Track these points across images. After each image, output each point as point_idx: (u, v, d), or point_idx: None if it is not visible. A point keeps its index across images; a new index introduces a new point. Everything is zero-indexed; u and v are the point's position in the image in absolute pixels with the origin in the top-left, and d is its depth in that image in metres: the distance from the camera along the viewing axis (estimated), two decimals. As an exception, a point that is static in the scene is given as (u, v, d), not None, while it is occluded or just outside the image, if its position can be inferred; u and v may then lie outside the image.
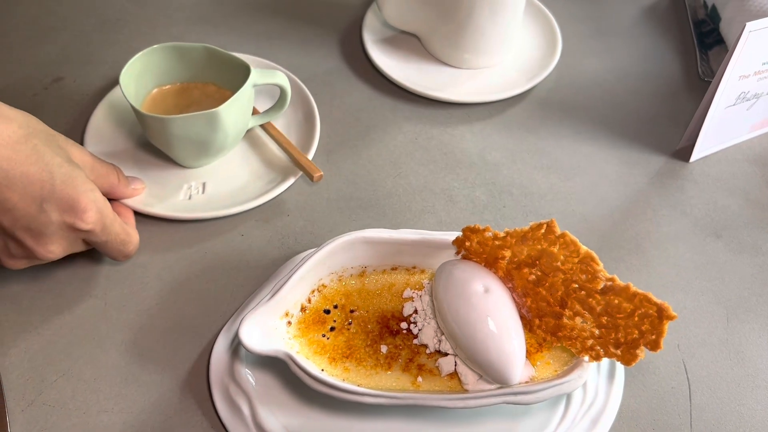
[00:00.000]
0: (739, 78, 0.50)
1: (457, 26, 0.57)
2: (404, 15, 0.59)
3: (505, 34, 0.59)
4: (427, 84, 0.58)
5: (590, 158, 0.55)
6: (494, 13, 0.55)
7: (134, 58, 0.48)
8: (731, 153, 0.56)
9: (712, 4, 0.64)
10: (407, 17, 0.60)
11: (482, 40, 0.58)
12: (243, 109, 0.48)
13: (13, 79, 0.58)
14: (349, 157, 0.54)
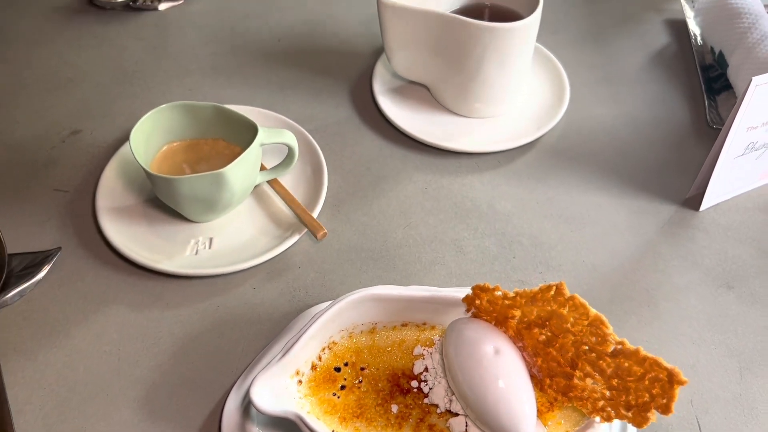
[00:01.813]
0: (747, 129, 0.50)
1: (466, 77, 0.58)
2: (413, 66, 0.60)
3: (514, 83, 0.60)
4: (436, 134, 0.59)
5: (600, 207, 0.55)
6: (502, 64, 0.56)
7: (145, 117, 0.49)
8: (741, 201, 0.56)
9: (719, 51, 0.65)
10: (416, 69, 0.61)
11: (491, 90, 0.59)
12: (250, 169, 0.49)
13: (34, 132, 0.60)
14: (360, 207, 0.55)
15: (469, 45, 0.55)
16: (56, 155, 0.58)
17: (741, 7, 0.64)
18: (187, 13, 0.72)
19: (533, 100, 0.62)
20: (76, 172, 0.57)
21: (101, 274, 0.50)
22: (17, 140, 0.59)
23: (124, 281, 0.49)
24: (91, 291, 0.49)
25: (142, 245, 0.50)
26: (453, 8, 0.60)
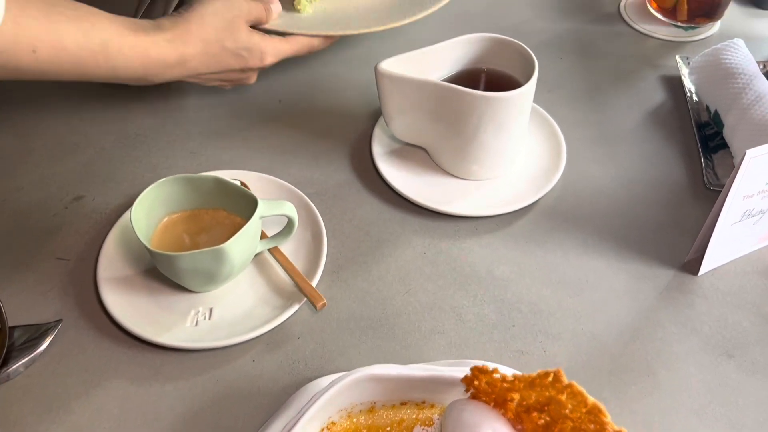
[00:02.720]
0: (743, 198, 0.51)
1: (464, 143, 0.58)
2: (411, 131, 0.61)
3: (511, 147, 0.60)
4: (435, 197, 0.60)
5: (598, 272, 0.55)
6: (499, 130, 0.57)
7: (146, 191, 0.50)
8: (740, 265, 0.56)
9: (715, 110, 0.66)
10: (414, 133, 0.61)
11: (489, 154, 0.59)
12: (250, 242, 0.50)
13: (37, 198, 0.61)
14: (359, 273, 0.55)
15: (466, 113, 0.56)
16: (59, 222, 0.59)
17: (735, 66, 0.65)
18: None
19: (530, 161, 0.63)
20: (78, 240, 0.57)
21: (102, 347, 0.50)
22: (21, 207, 0.60)
23: (124, 354, 0.50)
24: (92, 364, 0.49)
25: (143, 316, 0.51)
26: (450, 73, 0.61)
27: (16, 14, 0.47)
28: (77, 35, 0.51)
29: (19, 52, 0.48)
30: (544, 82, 0.72)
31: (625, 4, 0.83)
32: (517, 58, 0.59)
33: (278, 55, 0.62)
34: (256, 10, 0.61)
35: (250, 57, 0.60)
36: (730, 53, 0.66)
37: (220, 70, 0.60)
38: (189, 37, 0.57)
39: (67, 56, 0.51)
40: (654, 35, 0.79)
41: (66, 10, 0.51)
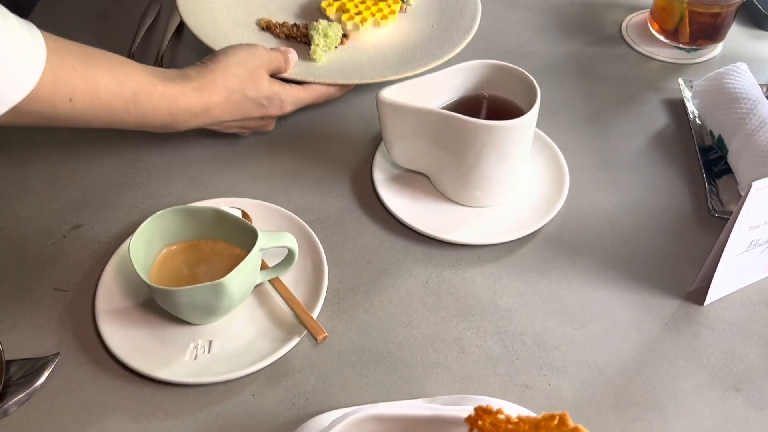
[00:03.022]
0: (749, 228, 0.50)
1: (466, 170, 0.58)
2: (412, 158, 0.61)
3: (514, 174, 0.60)
4: (436, 225, 0.59)
5: (602, 303, 0.55)
6: (502, 158, 0.57)
7: (145, 224, 0.50)
8: (746, 294, 0.55)
9: (719, 135, 0.65)
10: (415, 160, 0.61)
11: (491, 182, 0.59)
12: (249, 275, 0.49)
13: (35, 227, 0.60)
14: (361, 304, 0.55)
15: (468, 141, 0.55)
16: (57, 251, 0.58)
17: (739, 91, 0.65)
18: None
19: (533, 188, 0.62)
20: (76, 270, 0.56)
21: (100, 382, 0.49)
22: (20, 237, 0.59)
23: (123, 389, 0.49)
24: (90, 400, 0.48)
25: (141, 350, 0.50)
26: (451, 100, 0.61)
27: (56, 65, 0.49)
28: (111, 84, 0.53)
29: (56, 101, 0.50)
30: (546, 105, 0.71)
31: (626, 26, 0.83)
32: (518, 85, 0.59)
33: (297, 104, 0.65)
34: (276, 60, 0.63)
35: (270, 105, 0.62)
36: (734, 77, 0.66)
37: (241, 117, 0.62)
38: (214, 86, 0.58)
39: (100, 104, 0.53)
40: (656, 57, 0.78)
41: (101, 60, 0.53)
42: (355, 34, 0.74)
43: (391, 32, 0.76)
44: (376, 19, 0.74)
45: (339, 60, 0.71)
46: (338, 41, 0.72)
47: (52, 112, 0.51)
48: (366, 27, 0.74)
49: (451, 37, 0.73)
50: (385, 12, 0.75)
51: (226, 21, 0.74)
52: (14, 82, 0.47)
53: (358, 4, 0.76)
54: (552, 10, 0.85)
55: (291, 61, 0.65)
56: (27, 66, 0.47)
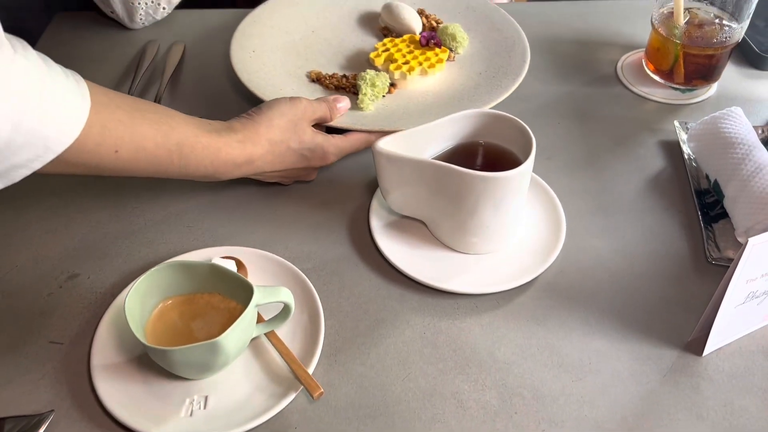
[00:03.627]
0: (747, 281, 0.50)
1: (463, 219, 0.58)
2: (408, 205, 0.61)
3: (510, 222, 0.60)
4: (433, 273, 0.59)
5: (601, 354, 0.54)
6: (498, 207, 0.57)
7: (141, 280, 0.50)
8: (745, 344, 0.55)
9: (715, 179, 0.65)
10: (411, 207, 0.61)
11: (488, 230, 0.59)
12: (245, 331, 0.49)
13: (31, 277, 0.60)
14: (357, 357, 0.54)
15: (464, 191, 0.56)
16: (53, 303, 0.58)
17: (734, 136, 0.65)
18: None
19: (530, 234, 0.62)
20: (71, 322, 0.56)
21: (94, 440, 0.49)
22: (16, 287, 0.59)
23: (117, 448, 0.48)
24: (84, 459, 0.48)
25: (137, 406, 0.50)
26: (447, 148, 0.61)
27: (104, 118, 0.50)
28: (157, 136, 0.54)
29: (102, 152, 0.51)
30: (542, 148, 0.72)
31: (622, 65, 0.83)
32: (514, 133, 0.59)
33: (339, 154, 0.65)
34: (321, 110, 0.64)
35: (312, 156, 0.63)
36: (729, 122, 0.66)
37: (284, 168, 0.63)
38: (257, 138, 0.59)
39: (145, 155, 0.54)
40: (652, 98, 0.79)
41: (148, 113, 0.54)
42: (402, 83, 0.76)
43: (439, 80, 0.77)
44: (424, 68, 0.76)
45: (386, 108, 0.73)
46: (386, 90, 0.73)
47: (98, 162, 0.51)
48: (413, 76, 0.75)
49: (499, 83, 0.74)
50: (432, 61, 0.76)
51: (278, 73, 0.76)
52: (58, 133, 0.47)
53: (406, 53, 0.77)
54: (547, 50, 0.85)
55: (339, 110, 0.67)
56: (71, 116, 0.48)
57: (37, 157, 0.47)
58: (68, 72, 0.49)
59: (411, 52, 0.77)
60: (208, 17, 0.91)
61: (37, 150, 0.46)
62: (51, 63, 0.48)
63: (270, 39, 0.81)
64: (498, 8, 0.85)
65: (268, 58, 0.78)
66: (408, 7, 0.83)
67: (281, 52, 0.80)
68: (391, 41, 0.79)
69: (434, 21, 0.84)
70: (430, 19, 0.85)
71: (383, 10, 0.84)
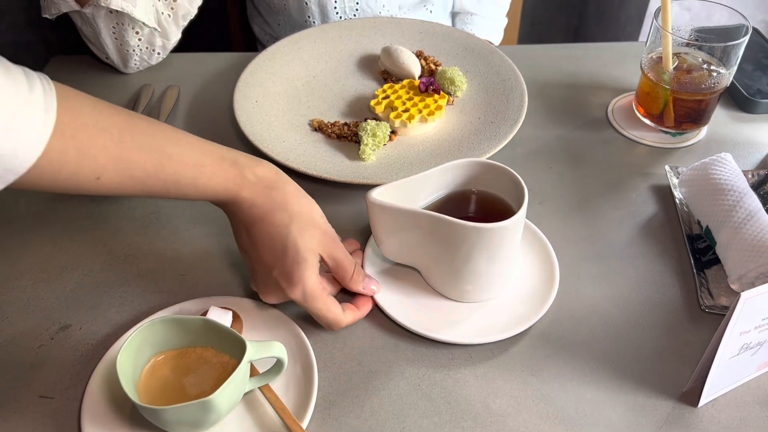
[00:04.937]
0: (740, 334, 0.50)
1: (456, 267, 0.58)
2: (402, 253, 0.61)
3: (505, 271, 0.60)
4: (428, 324, 0.59)
5: (596, 405, 0.54)
6: (492, 256, 0.57)
7: (133, 336, 0.50)
8: (740, 394, 0.55)
9: (706, 225, 0.66)
10: (405, 255, 0.61)
11: (481, 279, 0.59)
12: (238, 387, 0.49)
13: (22, 328, 0.59)
14: (351, 410, 0.54)
15: (457, 241, 0.56)
16: (44, 355, 0.57)
17: (725, 182, 0.65)
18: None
19: (524, 281, 0.62)
20: (63, 376, 0.56)
21: (83, 500, 0.48)
22: (6, 339, 0.59)
23: (107, 508, 0.48)
24: None
25: (128, 465, 0.49)
26: (440, 196, 0.61)
27: (85, 144, 0.46)
28: (148, 166, 0.49)
29: (81, 179, 0.47)
30: (534, 192, 0.72)
31: (612, 109, 0.84)
32: (506, 182, 0.60)
33: (308, 301, 0.55)
34: (346, 257, 0.57)
35: (289, 270, 0.53)
36: (719, 168, 0.67)
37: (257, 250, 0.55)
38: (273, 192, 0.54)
39: (133, 184, 0.49)
40: (642, 141, 0.80)
41: (142, 137, 0.49)
42: (403, 130, 0.77)
43: (438, 126, 0.79)
44: (423, 116, 0.77)
45: (387, 157, 0.74)
46: (386, 140, 0.75)
47: (78, 187, 0.47)
48: (414, 123, 0.76)
49: (497, 129, 0.76)
50: (432, 108, 0.77)
51: (281, 124, 0.78)
52: (15, 152, 0.42)
53: (406, 100, 0.78)
54: (538, 93, 0.86)
55: (366, 286, 0.60)
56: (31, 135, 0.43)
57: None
58: (37, 80, 0.44)
59: (411, 98, 0.79)
60: (203, 61, 0.92)
61: None
62: (13, 70, 0.43)
63: (272, 87, 0.82)
64: (496, 50, 0.87)
65: (271, 107, 0.79)
66: (407, 51, 0.85)
67: (283, 100, 0.81)
68: (390, 87, 0.80)
69: (433, 63, 0.86)
70: (428, 62, 0.86)
71: (382, 54, 0.86)
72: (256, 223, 0.54)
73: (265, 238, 0.54)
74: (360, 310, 0.59)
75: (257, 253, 0.55)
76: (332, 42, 0.90)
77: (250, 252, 0.56)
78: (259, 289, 0.57)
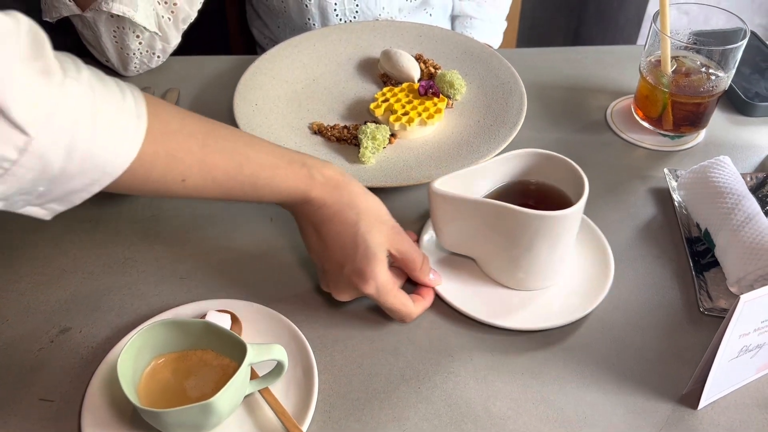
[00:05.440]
0: (740, 336, 0.50)
1: (516, 257, 0.59)
2: (460, 242, 0.63)
3: (564, 260, 0.62)
4: (487, 310, 0.60)
5: (596, 407, 0.54)
6: (553, 246, 0.58)
7: (133, 338, 0.49)
8: (740, 397, 0.55)
9: (705, 228, 0.66)
10: (462, 245, 0.63)
11: (540, 268, 0.60)
12: (238, 390, 0.49)
13: (22, 331, 0.59)
14: (352, 413, 0.54)
15: (519, 230, 0.57)
16: (44, 358, 0.57)
17: (723, 185, 0.66)
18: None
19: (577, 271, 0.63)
20: (63, 379, 0.56)
21: (84, 503, 0.48)
22: (6, 341, 0.59)
23: None
24: None
25: (128, 468, 0.49)
26: (497, 185, 0.63)
27: (174, 147, 0.48)
28: (229, 168, 0.51)
29: (169, 181, 0.49)
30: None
31: (611, 112, 0.84)
32: (563, 172, 0.60)
33: (382, 294, 0.56)
34: (414, 250, 0.59)
35: (359, 263, 0.55)
36: (717, 171, 0.67)
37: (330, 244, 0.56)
38: (341, 191, 0.55)
39: (213, 186, 0.51)
40: (641, 144, 0.80)
41: (223, 141, 0.52)
42: (402, 133, 0.77)
43: (438, 129, 0.79)
44: (423, 119, 0.77)
45: (387, 160, 0.74)
46: (386, 142, 0.75)
47: (165, 190, 0.50)
48: (413, 127, 0.76)
49: (496, 132, 0.76)
50: (431, 111, 0.77)
51: (281, 126, 0.78)
52: (114, 156, 0.45)
53: (405, 103, 0.78)
54: (537, 96, 0.87)
55: (432, 277, 0.61)
56: (126, 139, 0.45)
57: (94, 182, 0.45)
58: (127, 90, 0.47)
59: (410, 101, 0.79)
60: (202, 64, 0.92)
61: (94, 175, 0.44)
62: (107, 81, 0.46)
63: (272, 90, 0.82)
64: (495, 53, 0.87)
65: (271, 110, 0.79)
66: (406, 54, 0.85)
67: (283, 103, 0.81)
68: (390, 90, 0.80)
69: (432, 67, 0.86)
70: (428, 65, 0.86)
71: (382, 57, 0.86)
72: (325, 222, 0.55)
73: (335, 236, 0.55)
74: (425, 300, 0.60)
75: (328, 252, 0.56)
76: (332, 45, 0.90)
77: (320, 252, 0.57)
78: (331, 287, 0.58)
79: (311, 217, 0.56)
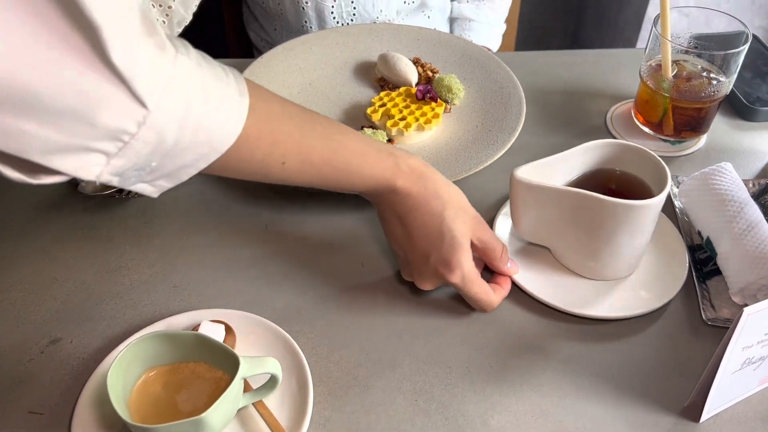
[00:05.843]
0: (743, 349, 0.49)
1: (596, 246, 0.60)
2: (537, 231, 0.63)
3: (643, 250, 0.62)
4: (567, 299, 0.60)
5: (596, 420, 0.53)
6: (633, 235, 0.58)
7: (124, 352, 0.48)
8: (742, 410, 0.54)
9: (707, 237, 0.65)
10: (540, 234, 0.63)
11: (620, 257, 0.61)
12: (231, 404, 0.48)
13: (11, 341, 0.58)
14: (347, 426, 0.53)
15: (601, 219, 0.57)
16: (33, 369, 0.56)
17: (725, 192, 0.65)
18: (173, 198, 0.72)
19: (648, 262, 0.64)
20: (53, 391, 0.55)
21: None
22: (-5, 353, 0.58)
23: None
24: None
25: (118, 483, 0.48)
26: (577, 175, 0.63)
27: (275, 129, 0.49)
28: (325, 152, 0.52)
29: (270, 163, 0.50)
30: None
31: (611, 117, 0.83)
32: (643, 163, 0.61)
33: (466, 285, 0.57)
34: (495, 240, 0.59)
35: (445, 250, 0.56)
36: (719, 178, 0.66)
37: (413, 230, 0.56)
38: (428, 183, 0.56)
39: (310, 170, 0.52)
40: (642, 149, 0.79)
41: (319, 126, 0.53)
42: (400, 138, 0.76)
43: (436, 134, 0.78)
44: (420, 124, 0.76)
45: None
46: None
47: (266, 173, 0.51)
48: (410, 132, 0.75)
49: (495, 137, 0.75)
50: (429, 116, 0.76)
51: None
52: (221, 131, 0.45)
53: (402, 108, 0.77)
54: (536, 100, 0.86)
55: (511, 265, 0.61)
56: (233, 114, 0.46)
57: (202, 157, 0.45)
58: (228, 70, 0.47)
59: (407, 106, 0.78)
60: (198, 67, 0.91)
61: (202, 149, 0.44)
62: (212, 62, 0.46)
63: None
64: (494, 57, 0.86)
65: None
66: (404, 58, 0.84)
67: None
68: (387, 95, 0.79)
69: (430, 71, 0.85)
70: (425, 69, 0.85)
71: (379, 61, 0.85)
72: (410, 212, 0.56)
73: (421, 226, 0.56)
74: (503, 288, 0.60)
75: (412, 242, 0.57)
76: (328, 49, 0.89)
77: (405, 242, 0.58)
78: (415, 277, 0.59)
79: (396, 207, 0.56)
